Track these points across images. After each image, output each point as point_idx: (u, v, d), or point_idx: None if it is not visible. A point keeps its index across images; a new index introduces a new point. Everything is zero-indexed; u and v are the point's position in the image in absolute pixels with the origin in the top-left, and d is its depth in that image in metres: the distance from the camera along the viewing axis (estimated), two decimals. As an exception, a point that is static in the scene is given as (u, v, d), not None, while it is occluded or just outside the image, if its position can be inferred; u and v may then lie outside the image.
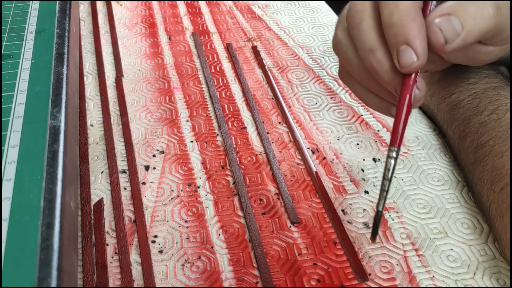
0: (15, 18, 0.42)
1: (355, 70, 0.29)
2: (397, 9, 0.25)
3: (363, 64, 0.28)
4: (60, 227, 0.23)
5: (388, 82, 0.27)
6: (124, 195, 0.34)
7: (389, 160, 0.26)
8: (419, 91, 0.27)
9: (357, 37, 0.27)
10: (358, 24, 0.27)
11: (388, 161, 0.26)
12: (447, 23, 0.25)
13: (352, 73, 0.29)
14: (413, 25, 0.25)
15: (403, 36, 0.25)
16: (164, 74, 0.47)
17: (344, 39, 0.28)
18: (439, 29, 0.25)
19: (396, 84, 0.27)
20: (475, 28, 0.26)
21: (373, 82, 0.28)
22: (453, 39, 0.25)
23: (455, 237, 0.31)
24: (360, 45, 0.27)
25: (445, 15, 0.25)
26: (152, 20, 0.57)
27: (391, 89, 0.27)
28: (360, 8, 0.27)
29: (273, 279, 0.28)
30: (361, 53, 0.27)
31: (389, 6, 0.25)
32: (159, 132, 0.40)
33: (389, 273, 0.29)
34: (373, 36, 0.26)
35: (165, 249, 0.30)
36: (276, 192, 0.34)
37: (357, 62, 0.28)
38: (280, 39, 0.53)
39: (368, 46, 0.26)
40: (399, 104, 0.26)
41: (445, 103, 0.37)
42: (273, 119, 0.41)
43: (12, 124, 0.30)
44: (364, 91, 0.30)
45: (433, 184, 0.34)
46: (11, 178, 0.26)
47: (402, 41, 0.25)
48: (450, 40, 0.25)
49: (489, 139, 0.32)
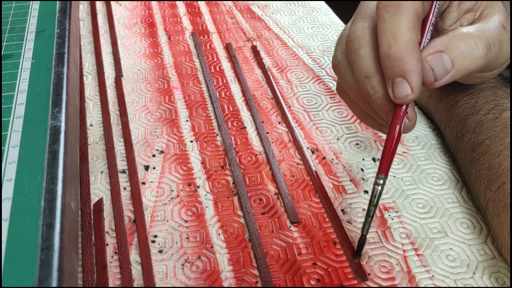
0: (15, 18, 0.42)
1: (352, 90, 0.30)
2: (396, 43, 0.25)
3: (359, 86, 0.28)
4: (60, 227, 0.23)
5: (380, 108, 0.28)
6: (123, 195, 0.34)
7: (376, 187, 0.27)
8: (409, 121, 0.28)
9: (354, 62, 0.28)
10: (356, 50, 0.27)
11: (375, 188, 0.27)
12: (438, 61, 0.26)
13: (349, 92, 0.30)
14: (411, 59, 0.25)
15: (399, 70, 0.25)
16: (163, 74, 0.47)
17: (343, 61, 0.29)
18: (430, 68, 0.26)
19: (388, 110, 0.27)
20: (464, 67, 0.26)
21: (366, 103, 0.29)
22: (443, 76, 0.26)
23: (455, 237, 0.31)
24: (357, 70, 0.28)
25: (437, 52, 0.26)
26: (151, 20, 0.57)
27: (383, 115, 0.28)
28: (359, 34, 0.27)
29: (273, 279, 0.28)
30: (357, 78, 0.28)
31: (387, 38, 0.25)
32: (159, 132, 0.40)
33: (389, 272, 0.29)
34: (370, 63, 0.27)
35: (165, 249, 0.30)
36: (275, 192, 0.34)
37: (354, 84, 0.29)
38: (280, 39, 0.53)
39: (364, 72, 0.27)
40: (388, 135, 0.27)
41: (442, 103, 0.37)
42: (272, 119, 0.41)
43: (13, 124, 0.30)
44: (359, 110, 0.31)
45: (433, 184, 0.34)
46: (11, 178, 0.26)
47: (399, 74, 0.25)
48: (439, 78, 0.26)
49: (486, 139, 0.32)
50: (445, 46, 0.26)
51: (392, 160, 0.27)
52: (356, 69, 0.28)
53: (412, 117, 0.28)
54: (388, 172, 0.27)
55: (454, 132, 0.35)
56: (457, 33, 0.27)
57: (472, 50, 0.26)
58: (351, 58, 0.28)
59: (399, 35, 0.25)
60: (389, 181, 0.35)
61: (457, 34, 0.27)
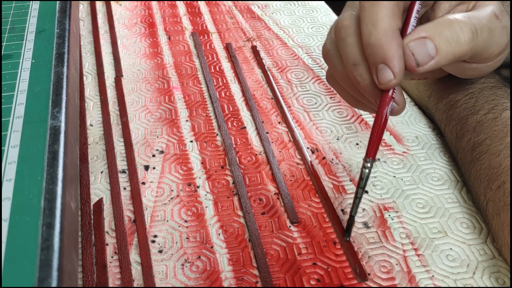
0: (15, 18, 0.42)
1: (341, 78, 0.30)
2: (375, 30, 0.26)
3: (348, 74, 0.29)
4: (60, 227, 0.23)
5: (368, 93, 0.29)
6: (123, 195, 0.34)
7: (364, 170, 0.28)
8: (397, 105, 0.28)
9: (342, 50, 0.29)
10: (344, 39, 0.28)
11: (363, 171, 0.28)
12: (420, 46, 0.26)
13: (339, 80, 0.31)
14: (390, 46, 0.26)
15: (381, 56, 0.26)
16: (163, 74, 0.47)
17: (332, 49, 0.30)
18: (411, 52, 0.26)
19: (376, 96, 0.28)
20: (449, 52, 0.27)
21: (356, 90, 0.30)
22: (426, 62, 0.27)
23: (455, 237, 0.31)
24: (345, 59, 0.29)
25: (420, 38, 0.27)
26: (151, 20, 0.57)
27: (372, 100, 0.29)
28: (346, 23, 0.28)
29: (273, 279, 0.28)
30: (346, 66, 0.29)
31: (368, 27, 0.26)
32: (159, 132, 0.40)
33: (389, 272, 0.29)
34: (357, 51, 0.28)
35: (165, 249, 0.30)
36: (275, 192, 0.34)
37: (343, 71, 0.30)
38: (280, 39, 0.53)
39: (352, 60, 0.28)
40: (375, 119, 0.28)
41: (442, 103, 0.37)
42: (272, 119, 0.41)
43: (12, 124, 0.30)
44: (349, 96, 0.32)
45: (433, 184, 0.34)
46: (11, 178, 0.26)
47: (380, 61, 0.26)
48: (422, 63, 0.27)
49: (486, 138, 0.32)
50: (428, 33, 0.27)
51: (379, 144, 0.28)
52: (345, 58, 0.29)
53: (400, 101, 0.28)
54: (376, 155, 0.28)
55: (454, 131, 0.35)
56: (442, 19, 0.27)
57: (456, 35, 0.27)
58: (339, 46, 0.29)
59: (378, 23, 0.26)
60: (389, 181, 0.35)
61: (442, 21, 0.27)
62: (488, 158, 0.31)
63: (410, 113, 0.41)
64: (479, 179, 0.31)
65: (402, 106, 0.29)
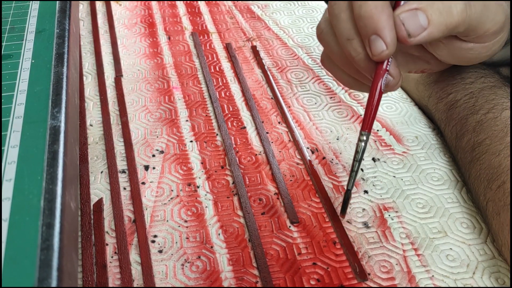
0: (15, 18, 0.42)
1: (336, 56, 0.31)
2: (366, 3, 0.27)
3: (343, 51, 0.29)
4: (60, 227, 0.23)
5: (364, 68, 0.29)
6: (123, 195, 0.34)
7: (360, 143, 0.29)
8: (393, 78, 0.29)
9: (336, 26, 0.29)
10: (337, 15, 0.29)
11: (359, 144, 0.29)
12: (411, 17, 0.27)
13: (333, 59, 0.31)
14: (381, 16, 0.26)
15: (371, 27, 0.27)
16: (163, 74, 0.47)
17: (326, 28, 0.30)
18: (401, 23, 0.27)
19: (371, 70, 0.29)
20: (441, 23, 0.27)
21: (352, 68, 0.30)
22: (418, 33, 0.27)
23: (455, 237, 0.31)
24: (339, 34, 0.29)
25: (412, 9, 0.27)
26: (151, 20, 0.57)
27: (367, 75, 0.29)
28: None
29: (273, 279, 0.28)
30: (340, 42, 0.29)
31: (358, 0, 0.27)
32: (159, 132, 0.40)
33: (389, 272, 0.29)
34: (350, 26, 0.28)
35: (165, 248, 0.30)
36: (275, 192, 0.34)
37: (337, 49, 0.30)
38: (280, 39, 0.53)
39: (345, 35, 0.28)
40: (370, 92, 0.29)
41: (442, 103, 0.37)
42: (272, 119, 0.41)
43: (12, 124, 0.30)
44: (345, 75, 0.32)
45: (433, 184, 0.34)
46: (11, 178, 0.26)
47: (372, 32, 0.27)
48: (414, 34, 0.27)
49: (486, 138, 0.32)
50: (420, 4, 0.27)
51: (375, 117, 0.29)
52: (338, 34, 0.29)
53: (396, 74, 0.29)
54: (371, 128, 0.29)
55: (454, 131, 0.35)
56: None
57: (448, 6, 0.27)
58: (333, 23, 0.29)
59: None
60: (389, 181, 0.35)
61: None
62: (488, 158, 0.31)
63: (410, 113, 0.41)
64: (479, 179, 0.31)
65: (397, 80, 0.29)
